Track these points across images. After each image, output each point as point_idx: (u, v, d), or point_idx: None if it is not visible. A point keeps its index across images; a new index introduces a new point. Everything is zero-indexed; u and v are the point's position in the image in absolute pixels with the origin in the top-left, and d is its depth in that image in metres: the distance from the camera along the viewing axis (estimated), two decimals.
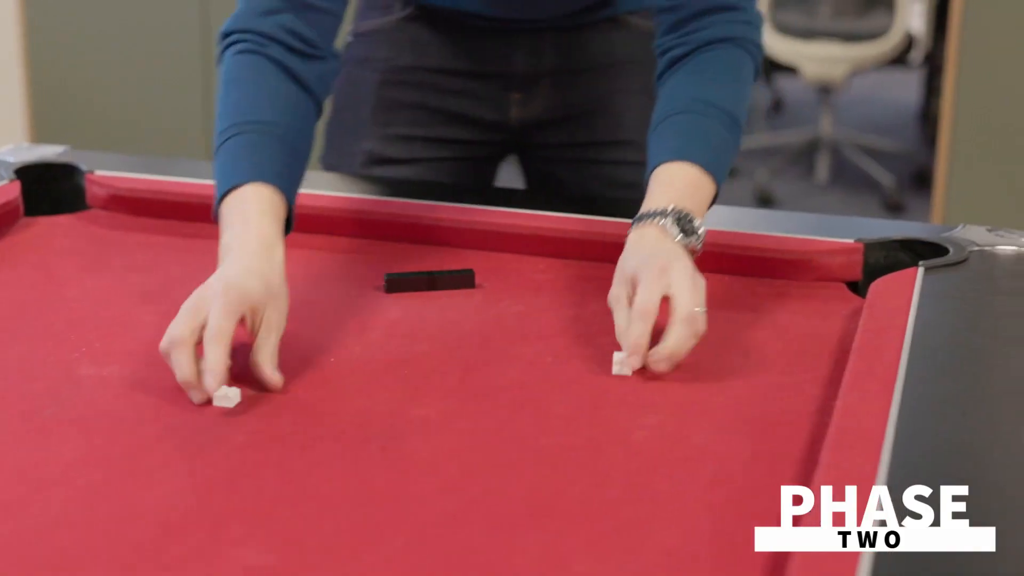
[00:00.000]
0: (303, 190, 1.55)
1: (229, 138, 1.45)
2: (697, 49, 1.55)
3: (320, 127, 1.82)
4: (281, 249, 1.38)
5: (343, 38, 1.90)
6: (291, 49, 1.51)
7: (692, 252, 1.41)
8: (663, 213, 1.42)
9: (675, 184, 1.46)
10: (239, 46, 1.51)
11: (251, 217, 1.39)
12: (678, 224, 1.41)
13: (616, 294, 1.38)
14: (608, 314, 1.41)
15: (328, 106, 1.89)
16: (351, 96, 1.93)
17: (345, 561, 1.00)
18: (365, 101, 1.92)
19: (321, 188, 1.74)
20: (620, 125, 1.92)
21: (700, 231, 1.42)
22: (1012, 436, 1.10)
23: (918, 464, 1.03)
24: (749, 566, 0.99)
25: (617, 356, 1.32)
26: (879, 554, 0.90)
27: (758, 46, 1.59)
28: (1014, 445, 1.08)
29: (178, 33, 3.94)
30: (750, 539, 1.02)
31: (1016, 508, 0.98)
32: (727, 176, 1.52)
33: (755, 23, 1.59)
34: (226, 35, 1.54)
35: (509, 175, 2.13)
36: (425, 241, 1.66)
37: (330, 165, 1.95)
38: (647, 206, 1.44)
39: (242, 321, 1.29)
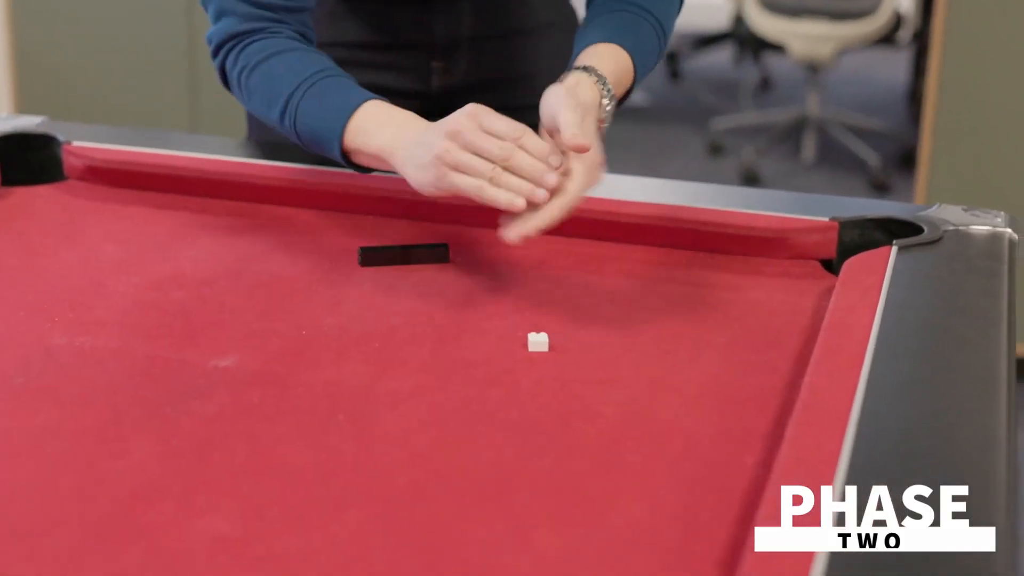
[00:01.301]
0: (274, 162, 1.56)
1: (309, 88, 1.49)
2: None
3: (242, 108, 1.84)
4: None
5: None
6: (290, 32, 1.56)
7: (601, 117, 1.49)
8: (595, 71, 1.49)
9: (606, 56, 1.53)
10: (248, 40, 1.54)
11: (403, 113, 1.44)
12: (602, 84, 1.49)
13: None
14: (579, 288, 1.42)
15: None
16: None
17: (310, 531, 1.00)
18: None
19: (280, 159, 1.75)
20: (538, 89, 1.92)
21: (613, 99, 1.50)
22: (978, 415, 1.10)
23: (882, 442, 1.03)
24: (714, 539, 0.99)
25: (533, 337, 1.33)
26: (841, 542, 0.91)
27: None
28: (980, 424, 1.09)
29: (163, 5, 3.93)
30: (716, 513, 1.02)
31: (975, 492, 0.98)
32: (640, 81, 1.61)
33: None
34: (222, 43, 1.56)
35: None
36: (400, 215, 1.66)
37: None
38: (582, 61, 1.51)
39: None
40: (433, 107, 1.94)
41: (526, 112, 1.93)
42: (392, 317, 1.39)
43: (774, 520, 0.94)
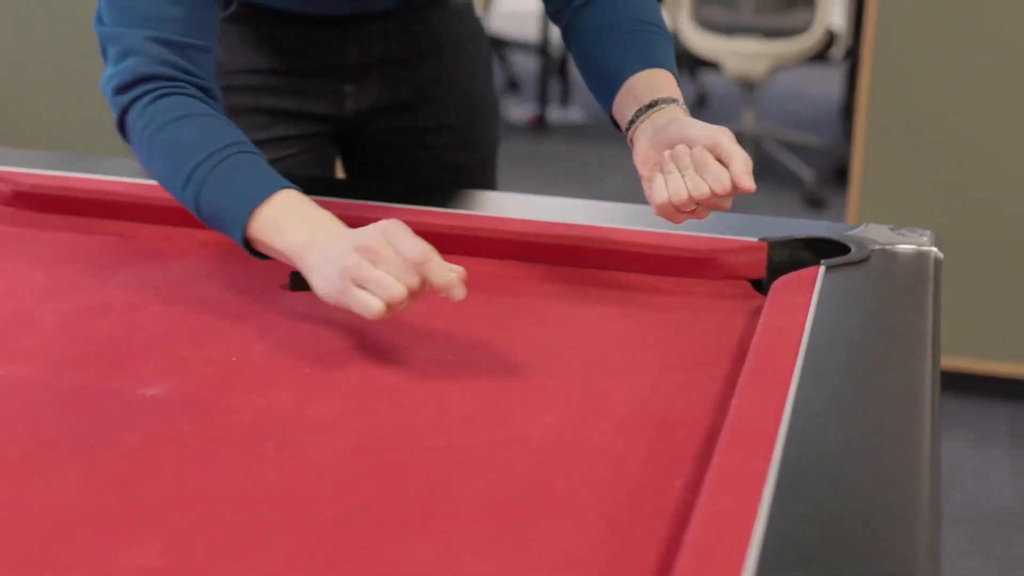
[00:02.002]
0: None
1: (216, 165, 1.43)
2: None
3: None
4: None
5: None
6: (197, 87, 1.52)
7: None
8: (677, 101, 1.49)
9: (665, 83, 1.53)
10: (156, 92, 1.49)
11: (317, 212, 1.39)
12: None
13: (675, 152, 1.41)
14: (510, 311, 1.43)
15: None
16: None
17: (236, 562, 1.00)
18: None
19: None
20: (448, 109, 1.95)
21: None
22: (903, 433, 1.11)
23: (808, 463, 1.04)
24: (641, 562, 1.00)
25: None
26: (765, 551, 0.91)
27: None
28: (905, 442, 1.09)
29: (91, 27, 3.90)
30: (644, 538, 1.03)
31: (898, 506, 0.99)
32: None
33: None
34: (129, 86, 1.50)
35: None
36: None
37: None
38: (648, 96, 1.50)
39: None
40: (346, 130, 1.95)
41: (438, 132, 1.94)
42: (321, 342, 1.38)
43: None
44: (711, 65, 5.56)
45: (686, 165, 1.39)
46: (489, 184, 1.99)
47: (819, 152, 5.70)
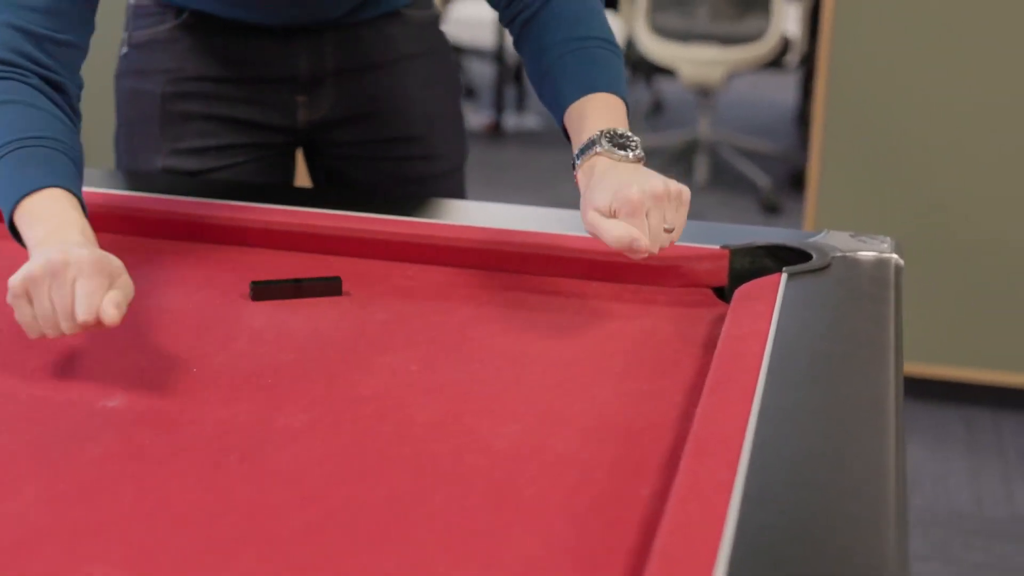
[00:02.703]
0: (155, 194, 1.58)
1: (11, 152, 1.43)
2: (544, 4, 1.61)
3: (108, 143, 1.81)
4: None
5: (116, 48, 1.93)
6: (44, 80, 1.51)
7: (640, 161, 1.46)
8: (596, 141, 1.46)
9: (593, 113, 1.51)
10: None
11: (67, 212, 1.37)
12: (613, 143, 1.46)
13: (592, 218, 1.40)
14: (472, 320, 1.42)
15: (113, 121, 1.89)
16: (136, 112, 1.92)
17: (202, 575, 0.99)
18: (151, 117, 1.90)
19: (161, 191, 1.74)
20: (405, 121, 1.94)
21: (635, 139, 1.47)
22: (867, 441, 1.11)
23: (774, 471, 1.04)
24: (610, 573, 0.99)
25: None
26: (734, 559, 0.91)
27: None
28: (870, 450, 1.10)
29: None
30: (611, 546, 1.02)
31: (866, 514, 0.99)
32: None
33: None
34: None
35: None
36: (291, 247, 1.65)
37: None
38: (578, 141, 1.49)
39: None
40: (302, 141, 1.95)
41: (394, 144, 1.94)
42: (284, 353, 1.38)
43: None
44: (667, 72, 5.57)
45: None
46: (455, 197, 1.99)
47: (775, 158, 5.73)
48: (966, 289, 3.38)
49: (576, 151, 1.48)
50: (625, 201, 1.37)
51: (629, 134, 1.47)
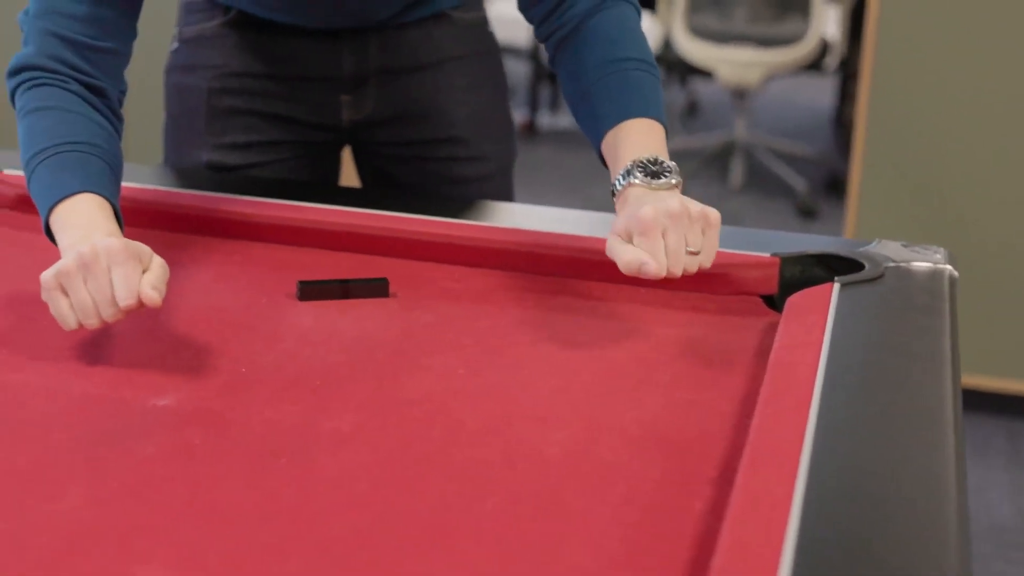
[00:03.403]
0: (203, 192, 1.59)
1: (49, 157, 1.45)
2: (581, 22, 1.59)
3: (158, 137, 1.80)
4: None
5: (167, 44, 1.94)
6: (84, 85, 1.52)
7: (676, 188, 1.45)
8: (629, 171, 1.44)
9: (629, 141, 1.49)
10: (36, 81, 1.52)
11: (96, 218, 1.39)
12: (647, 173, 1.44)
13: (610, 242, 1.39)
14: (518, 324, 1.42)
15: (162, 116, 1.89)
16: (183, 106, 1.93)
17: None
18: (197, 112, 1.91)
19: (208, 189, 1.74)
20: (450, 123, 1.93)
21: (670, 165, 1.45)
22: (927, 457, 1.09)
23: (832, 487, 1.03)
24: None
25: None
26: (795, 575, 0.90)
27: None
28: (930, 467, 1.08)
29: None
30: (664, 561, 1.01)
31: (926, 530, 0.97)
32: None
33: None
34: (17, 71, 1.53)
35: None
36: (339, 247, 1.64)
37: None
38: (615, 171, 1.47)
39: None
40: (347, 140, 1.94)
41: (439, 145, 1.93)
42: (331, 354, 1.37)
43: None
44: (702, 73, 5.55)
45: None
46: (502, 199, 1.98)
47: (811, 162, 5.71)
48: (1010, 299, 3.35)
49: (613, 181, 1.47)
50: (638, 221, 1.35)
51: (664, 160, 1.45)
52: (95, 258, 1.28)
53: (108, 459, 1.14)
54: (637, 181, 1.43)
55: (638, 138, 1.49)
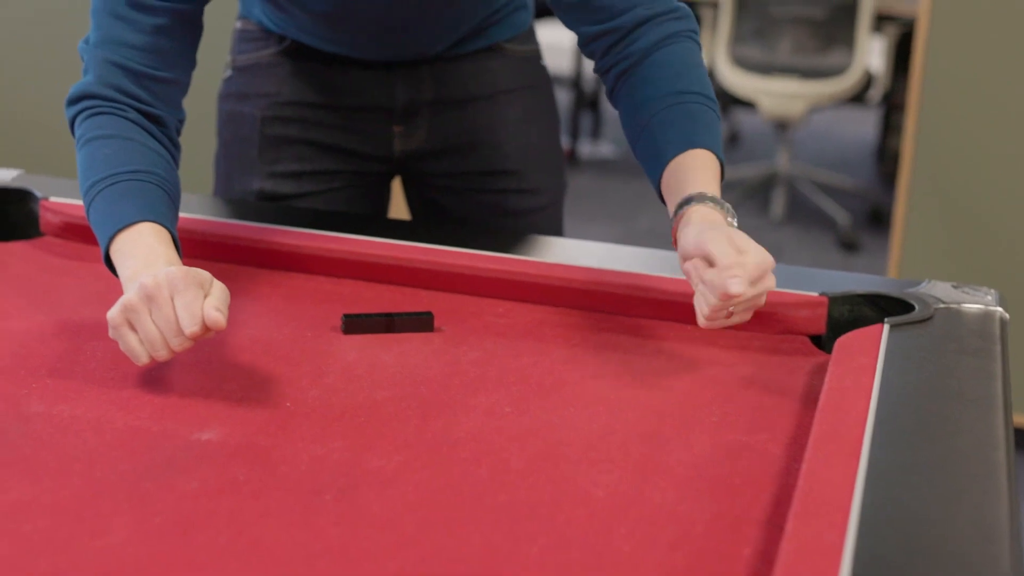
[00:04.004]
0: (250, 222, 1.59)
1: (107, 187, 1.45)
2: (646, 55, 1.57)
3: (207, 165, 1.80)
4: None
5: (220, 71, 1.95)
6: (142, 113, 1.53)
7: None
8: (713, 199, 1.44)
9: (693, 169, 1.49)
10: (95, 109, 1.52)
11: (155, 247, 1.39)
12: (720, 207, 1.44)
13: (691, 265, 1.38)
14: (565, 361, 1.41)
15: (215, 143, 1.90)
16: (235, 134, 1.93)
17: None
18: (249, 140, 1.91)
19: (255, 219, 1.73)
20: (503, 155, 1.93)
21: (726, 206, 1.46)
22: (976, 506, 1.08)
23: (884, 536, 1.01)
24: None
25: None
26: None
27: (695, 31, 1.62)
28: (977, 515, 1.07)
29: None
30: None
31: None
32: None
33: (683, 14, 1.61)
34: (76, 100, 1.54)
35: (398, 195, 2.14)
36: (384, 280, 1.64)
37: None
38: (692, 189, 1.46)
39: None
40: (398, 171, 1.94)
41: (490, 177, 1.93)
42: (377, 390, 1.36)
43: None
44: (744, 103, 5.54)
45: (695, 283, 1.38)
46: (552, 232, 1.97)
47: (853, 194, 5.68)
48: None
49: (680, 200, 1.45)
50: (723, 291, 1.33)
51: (721, 201, 1.45)
52: (158, 289, 1.29)
53: (153, 494, 1.14)
54: (709, 199, 1.43)
55: (703, 173, 1.48)
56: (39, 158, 3.88)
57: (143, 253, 1.38)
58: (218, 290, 1.31)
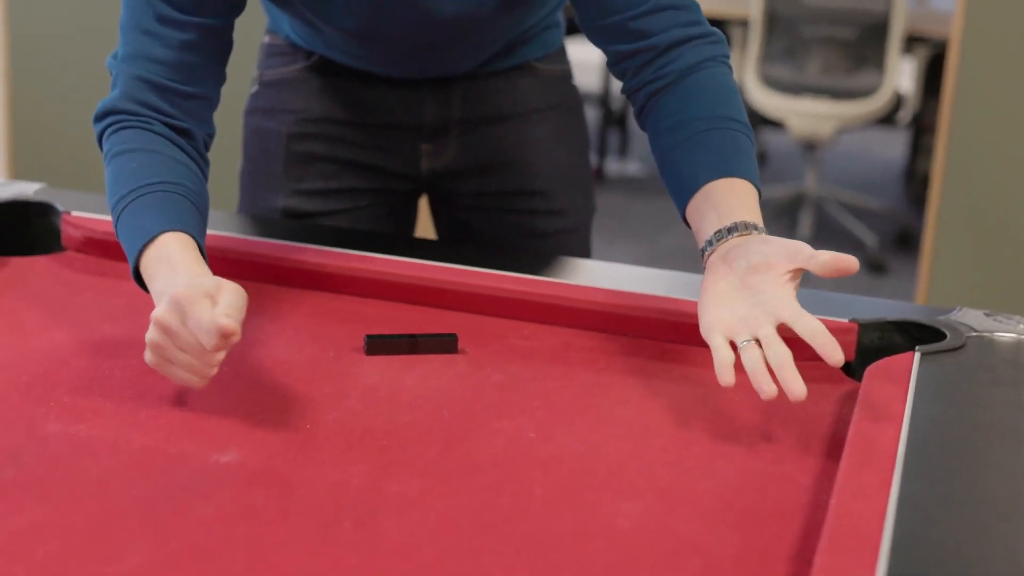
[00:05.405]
0: (274, 239, 1.59)
1: (131, 202, 1.44)
2: (680, 77, 1.54)
3: (232, 180, 1.80)
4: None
5: (245, 86, 1.93)
6: (168, 126, 1.51)
7: None
8: (756, 227, 1.41)
9: (744, 199, 1.45)
10: (120, 124, 1.51)
11: (176, 259, 1.37)
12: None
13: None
14: (590, 386, 1.40)
15: (240, 159, 1.88)
16: (261, 150, 1.92)
17: None
18: (275, 156, 1.90)
19: (279, 237, 1.72)
20: (532, 175, 1.91)
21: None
22: (1008, 542, 1.05)
23: (914, 571, 0.99)
24: None
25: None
26: None
27: (728, 56, 1.59)
28: (1011, 550, 1.04)
29: None
30: None
31: None
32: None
33: (719, 39, 1.58)
34: (102, 116, 1.53)
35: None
36: (407, 300, 1.62)
37: None
38: (735, 217, 1.42)
39: None
40: (425, 189, 1.93)
41: (518, 197, 1.91)
42: (398, 413, 1.34)
43: None
44: (772, 123, 5.51)
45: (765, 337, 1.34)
46: (580, 254, 1.95)
47: (881, 216, 5.65)
48: None
49: (726, 224, 1.41)
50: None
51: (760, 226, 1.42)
52: (169, 318, 1.27)
53: (169, 518, 1.12)
54: (759, 231, 1.41)
55: (751, 203, 1.45)
56: (62, 171, 3.89)
57: (165, 271, 1.36)
58: (228, 293, 1.28)
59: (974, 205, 3.31)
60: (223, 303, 1.27)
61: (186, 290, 1.28)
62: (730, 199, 1.44)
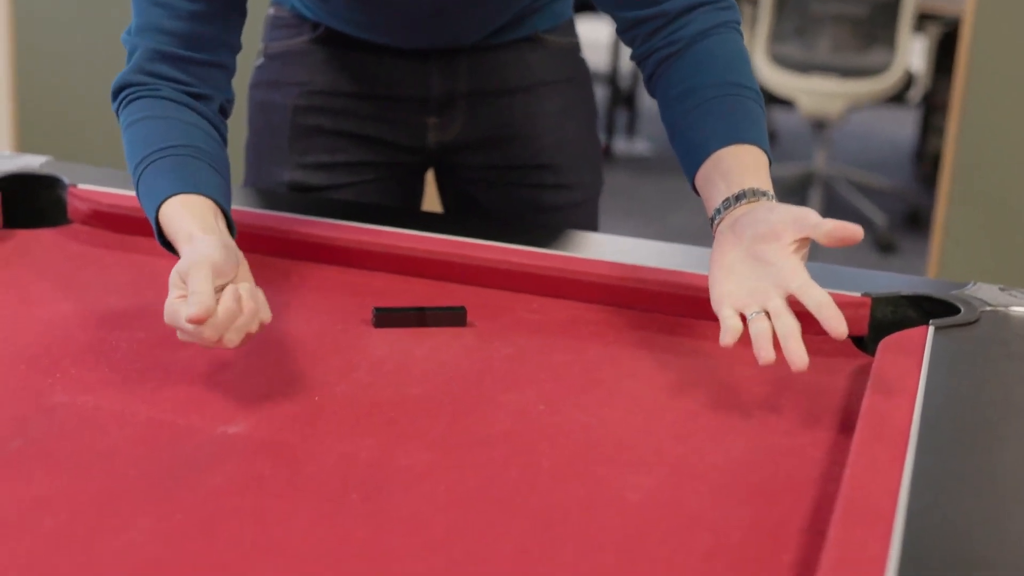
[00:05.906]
0: (279, 212, 1.58)
1: (145, 169, 1.43)
2: (691, 43, 1.52)
3: (238, 155, 1.80)
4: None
5: (253, 58, 1.92)
6: (183, 92, 1.51)
7: None
8: (766, 194, 1.41)
9: (754, 166, 1.44)
10: (132, 95, 1.51)
11: (184, 226, 1.37)
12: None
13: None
14: (599, 359, 1.39)
15: (244, 133, 1.87)
16: (266, 123, 1.90)
17: None
18: (280, 129, 1.88)
19: (286, 209, 1.70)
20: (539, 149, 1.89)
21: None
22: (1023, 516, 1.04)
23: (929, 545, 0.97)
24: None
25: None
26: None
27: (739, 22, 1.58)
28: None
29: None
30: None
31: None
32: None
33: (729, 5, 1.56)
34: (118, 90, 1.53)
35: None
36: (415, 273, 1.60)
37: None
38: (744, 184, 1.41)
39: None
40: (432, 163, 1.91)
41: (526, 171, 1.89)
42: (407, 385, 1.33)
43: None
44: (781, 102, 5.49)
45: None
46: (587, 228, 1.93)
47: (891, 195, 5.63)
48: None
49: (733, 192, 1.40)
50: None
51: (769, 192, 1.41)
52: (171, 317, 1.27)
53: (176, 490, 1.11)
54: (769, 198, 1.40)
55: (761, 171, 1.44)
56: (68, 144, 3.87)
57: (181, 238, 1.36)
58: (192, 281, 1.25)
59: (985, 184, 3.29)
60: (189, 289, 1.25)
61: (174, 272, 1.28)
62: (739, 166, 1.43)
